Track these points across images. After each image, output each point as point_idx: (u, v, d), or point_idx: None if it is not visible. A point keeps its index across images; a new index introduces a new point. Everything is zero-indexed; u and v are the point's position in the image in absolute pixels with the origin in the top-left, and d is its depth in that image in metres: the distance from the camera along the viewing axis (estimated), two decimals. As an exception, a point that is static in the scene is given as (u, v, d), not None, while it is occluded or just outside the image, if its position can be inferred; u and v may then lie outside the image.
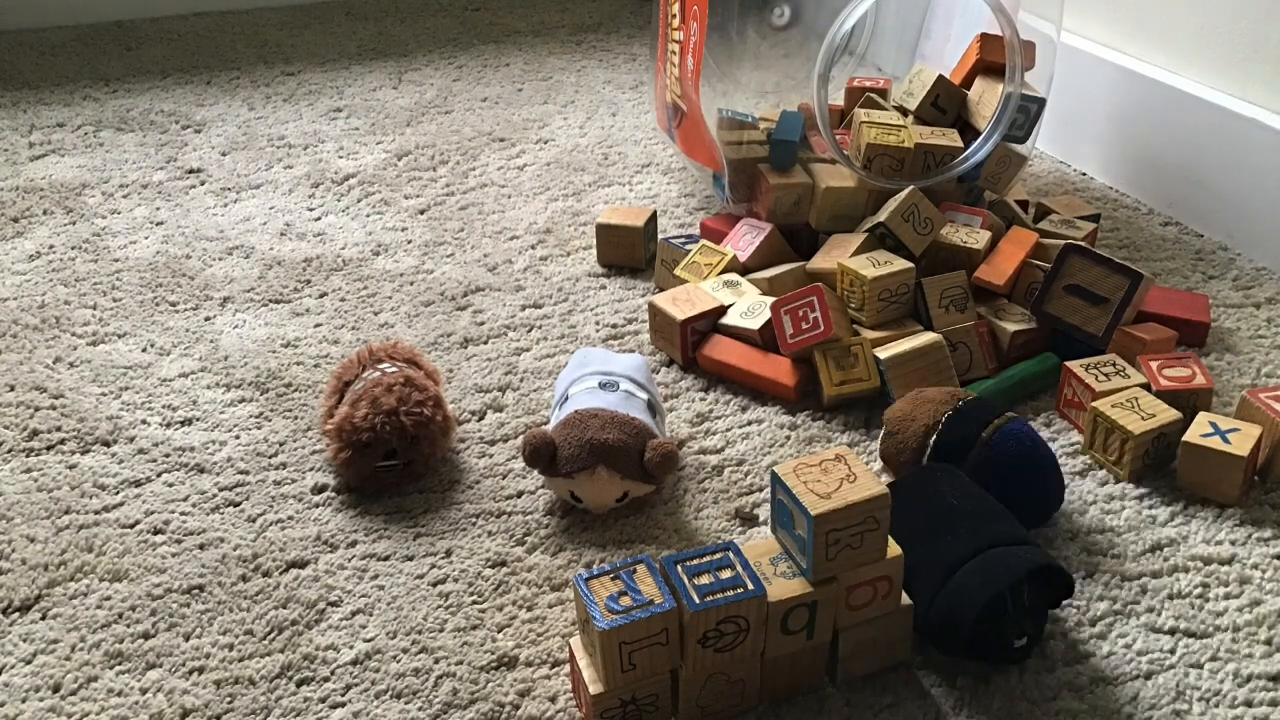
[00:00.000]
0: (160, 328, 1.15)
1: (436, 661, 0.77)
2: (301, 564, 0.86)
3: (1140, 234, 1.30)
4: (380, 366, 0.95)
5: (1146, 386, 0.96)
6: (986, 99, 1.18)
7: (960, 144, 1.16)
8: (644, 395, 0.94)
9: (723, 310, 1.08)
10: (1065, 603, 0.81)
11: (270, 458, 0.97)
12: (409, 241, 1.31)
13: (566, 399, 0.93)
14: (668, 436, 0.91)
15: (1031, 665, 0.76)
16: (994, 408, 0.89)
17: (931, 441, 0.87)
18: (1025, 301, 1.07)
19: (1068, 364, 0.99)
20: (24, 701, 0.75)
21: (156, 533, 0.89)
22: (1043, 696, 0.74)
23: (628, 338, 1.13)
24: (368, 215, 1.38)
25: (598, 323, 1.15)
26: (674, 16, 1.24)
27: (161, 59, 1.86)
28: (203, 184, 1.45)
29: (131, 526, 0.89)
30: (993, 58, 1.19)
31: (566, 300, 1.19)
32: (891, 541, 0.73)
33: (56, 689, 0.76)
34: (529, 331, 1.14)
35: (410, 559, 0.86)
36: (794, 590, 0.70)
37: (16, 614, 0.81)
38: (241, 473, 0.95)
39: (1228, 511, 0.89)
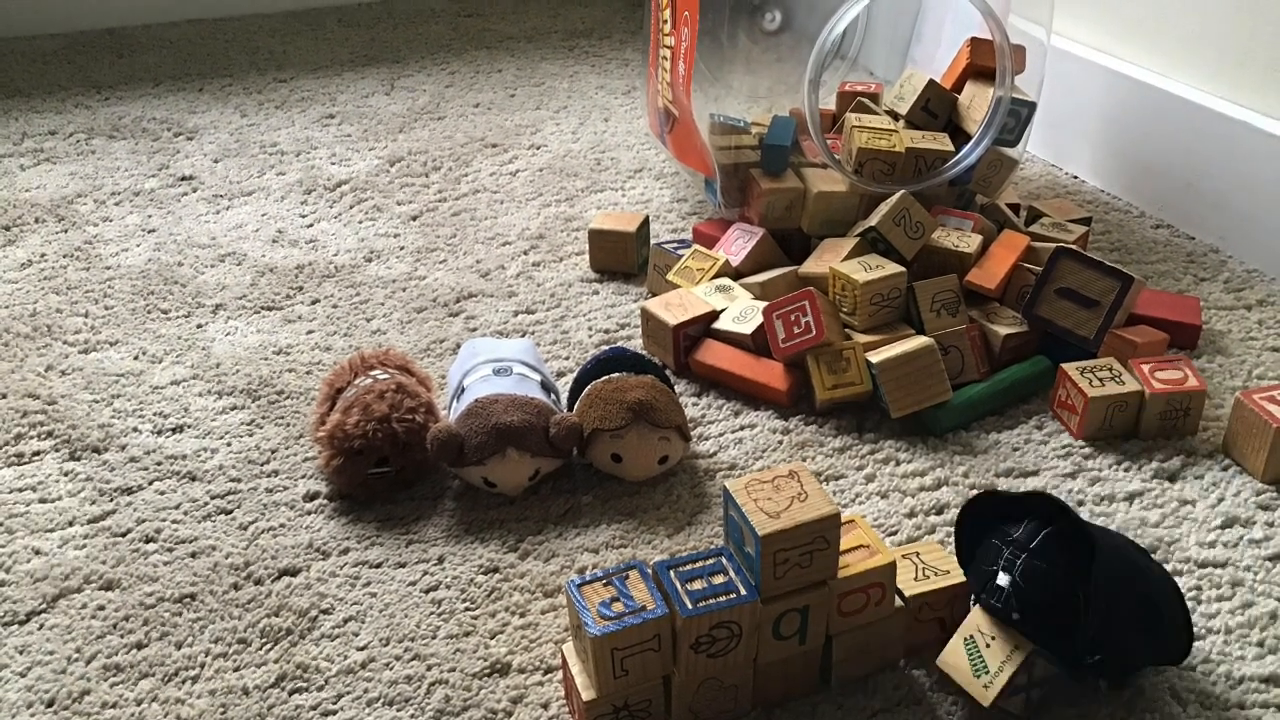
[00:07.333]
0: (152, 335, 1.15)
1: (429, 669, 0.77)
2: (294, 571, 0.86)
3: (1131, 237, 1.30)
4: (372, 373, 0.95)
5: (1140, 393, 0.96)
6: (977, 103, 1.18)
7: (951, 148, 1.16)
8: (537, 376, 0.97)
9: (715, 315, 1.08)
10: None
11: (262, 465, 0.97)
12: (401, 248, 1.31)
13: (463, 390, 0.95)
14: (565, 412, 0.95)
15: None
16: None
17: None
18: (1017, 305, 1.07)
19: (1063, 366, 0.99)
20: (14, 717, 0.75)
21: (148, 541, 0.88)
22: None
23: (621, 343, 1.13)
24: (360, 222, 1.38)
25: (590, 328, 1.15)
26: (665, 22, 1.24)
27: (154, 66, 1.86)
28: (195, 191, 1.45)
29: (123, 535, 0.89)
30: (983, 62, 1.19)
31: (559, 306, 1.19)
32: (884, 548, 0.73)
33: (50, 704, 0.75)
34: (522, 338, 1.14)
35: (402, 566, 0.86)
36: (786, 595, 0.70)
37: (15, 626, 0.81)
38: (233, 480, 0.95)
39: (1220, 513, 0.89)
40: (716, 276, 1.14)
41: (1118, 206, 1.38)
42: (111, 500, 0.93)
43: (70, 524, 0.90)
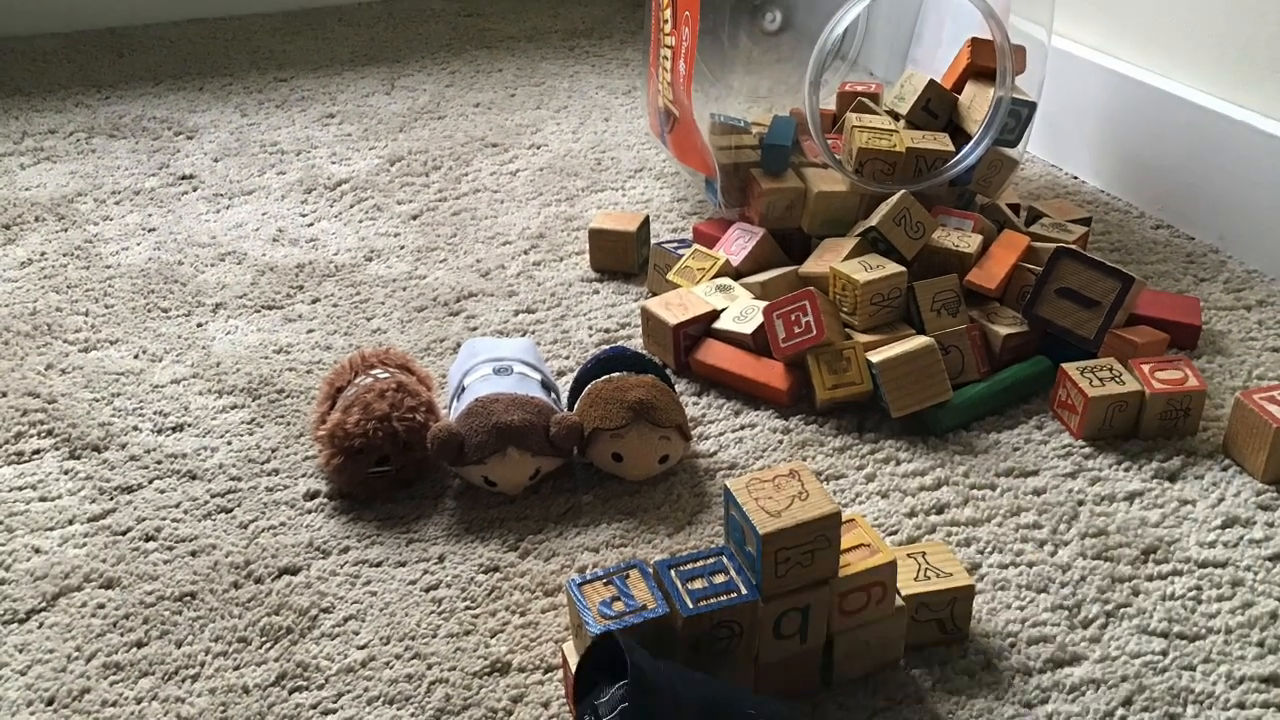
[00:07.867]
0: (152, 334, 1.15)
1: (429, 667, 0.77)
2: (294, 570, 0.86)
3: (1131, 237, 1.31)
4: (372, 372, 0.95)
5: (1140, 393, 0.96)
6: (978, 103, 1.18)
7: (951, 148, 1.16)
8: (537, 375, 0.97)
9: (715, 315, 1.08)
10: (1058, 605, 0.81)
11: (262, 464, 0.97)
12: (401, 247, 1.31)
13: (463, 389, 0.95)
14: (566, 411, 0.95)
15: (1022, 668, 0.76)
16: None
17: None
18: (1017, 305, 1.07)
19: (1064, 366, 0.99)
20: (14, 715, 0.75)
21: (148, 539, 0.88)
22: (1034, 699, 0.74)
23: (621, 342, 1.13)
24: (360, 221, 1.38)
25: (590, 328, 1.15)
26: (666, 22, 1.24)
27: (154, 65, 1.86)
28: (195, 190, 1.45)
29: (124, 534, 0.89)
30: (984, 62, 1.19)
31: (559, 305, 1.19)
32: (885, 547, 0.73)
33: (50, 702, 0.75)
34: (522, 337, 1.14)
35: (403, 565, 0.86)
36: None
37: (15, 624, 0.81)
38: (233, 479, 0.95)
39: (1220, 513, 0.89)
40: (717, 276, 1.14)
41: (1118, 207, 1.38)
42: (111, 499, 0.93)
43: (70, 522, 0.90)
